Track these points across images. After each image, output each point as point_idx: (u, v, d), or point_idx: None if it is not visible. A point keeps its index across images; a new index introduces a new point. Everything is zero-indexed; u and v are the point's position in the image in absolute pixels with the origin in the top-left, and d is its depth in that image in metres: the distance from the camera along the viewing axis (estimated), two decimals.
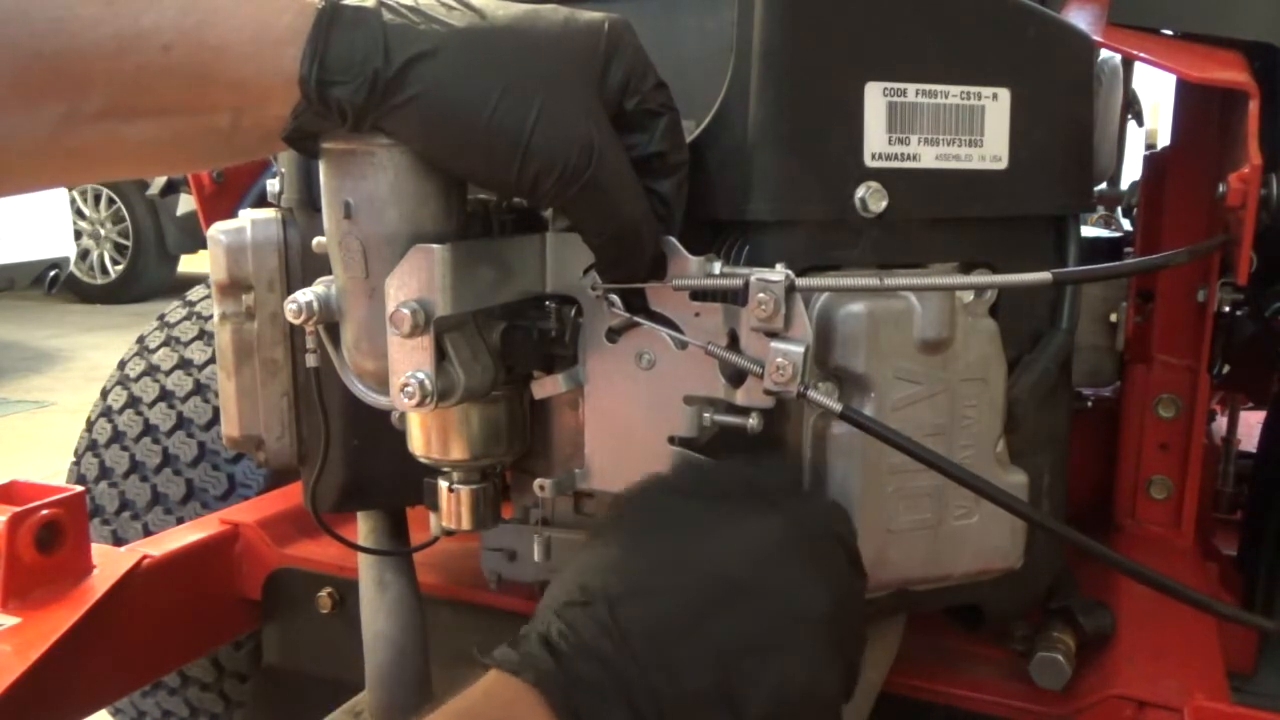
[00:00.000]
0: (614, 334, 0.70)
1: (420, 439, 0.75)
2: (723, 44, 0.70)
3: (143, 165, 0.61)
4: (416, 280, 0.61)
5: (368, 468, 0.92)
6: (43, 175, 0.60)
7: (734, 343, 0.65)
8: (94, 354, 5.34)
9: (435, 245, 0.61)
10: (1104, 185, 1.86)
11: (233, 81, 0.55)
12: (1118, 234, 1.37)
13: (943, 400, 0.68)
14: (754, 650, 0.56)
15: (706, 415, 0.68)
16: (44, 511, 1.00)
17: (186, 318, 1.62)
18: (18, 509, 0.99)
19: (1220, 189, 0.84)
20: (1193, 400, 1.08)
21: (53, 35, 0.51)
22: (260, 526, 1.18)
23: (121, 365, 1.59)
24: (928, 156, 0.71)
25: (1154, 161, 1.13)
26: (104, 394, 1.57)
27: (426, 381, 0.62)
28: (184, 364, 1.53)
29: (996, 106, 0.72)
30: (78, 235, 6.51)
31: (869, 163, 0.69)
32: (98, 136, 0.55)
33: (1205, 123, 1.06)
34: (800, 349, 0.60)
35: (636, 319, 0.67)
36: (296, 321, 0.66)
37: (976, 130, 0.72)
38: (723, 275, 0.64)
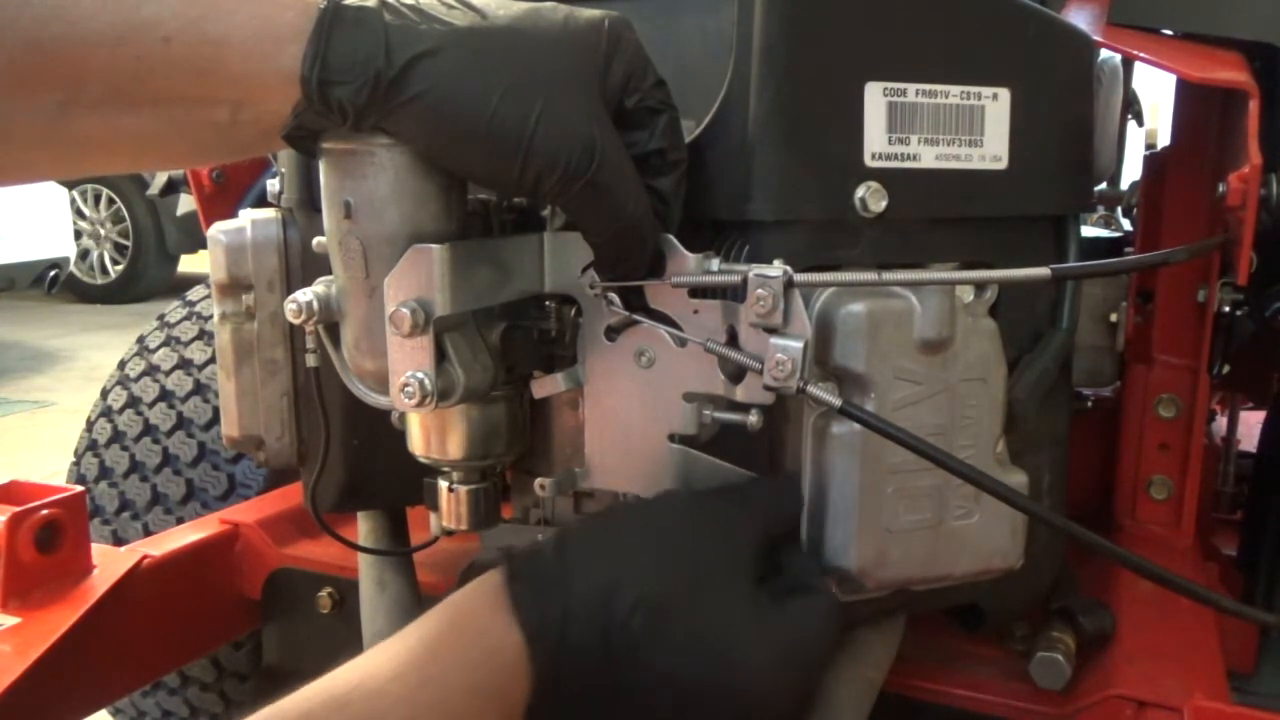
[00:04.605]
0: (613, 332, 0.70)
1: (420, 439, 0.75)
2: (723, 44, 0.70)
3: (141, 157, 0.61)
4: (416, 280, 0.61)
5: (368, 468, 0.92)
6: (41, 165, 0.60)
7: (733, 339, 0.65)
8: (94, 354, 5.34)
9: (434, 245, 0.61)
10: (1104, 185, 1.86)
11: (232, 76, 0.55)
12: (1118, 234, 1.37)
13: (943, 400, 0.68)
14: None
15: (707, 412, 0.68)
16: (44, 511, 1.00)
17: (186, 318, 1.62)
18: (18, 509, 0.98)
19: (1220, 189, 0.84)
20: (1193, 400, 1.08)
21: (52, 22, 0.51)
22: (260, 526, 1.18)
23: (121, 365, 1.59)
24: (928, 156, 0.71)
25: (1154, 161, 1.12)
26: (104, 394, 1.57)
27: (426, 381, 0.62)
28: (184, 364, 1.53)
29: (996, 106, 0.72)
30: (78, 235, 6.51)
31: (869, 162, 0.69)
32: (96, 126, 0.55)
33: (1205, 123, 1.05)
34: (799, 344, 0.60)
35: (636, 317, 0.67)
36: (296, 321, 0.66)
37: (976, 130, 0.72)
38: (721, 272, 0.64)
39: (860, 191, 0.69)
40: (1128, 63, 1.54)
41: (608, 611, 0.58)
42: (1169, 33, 0.91)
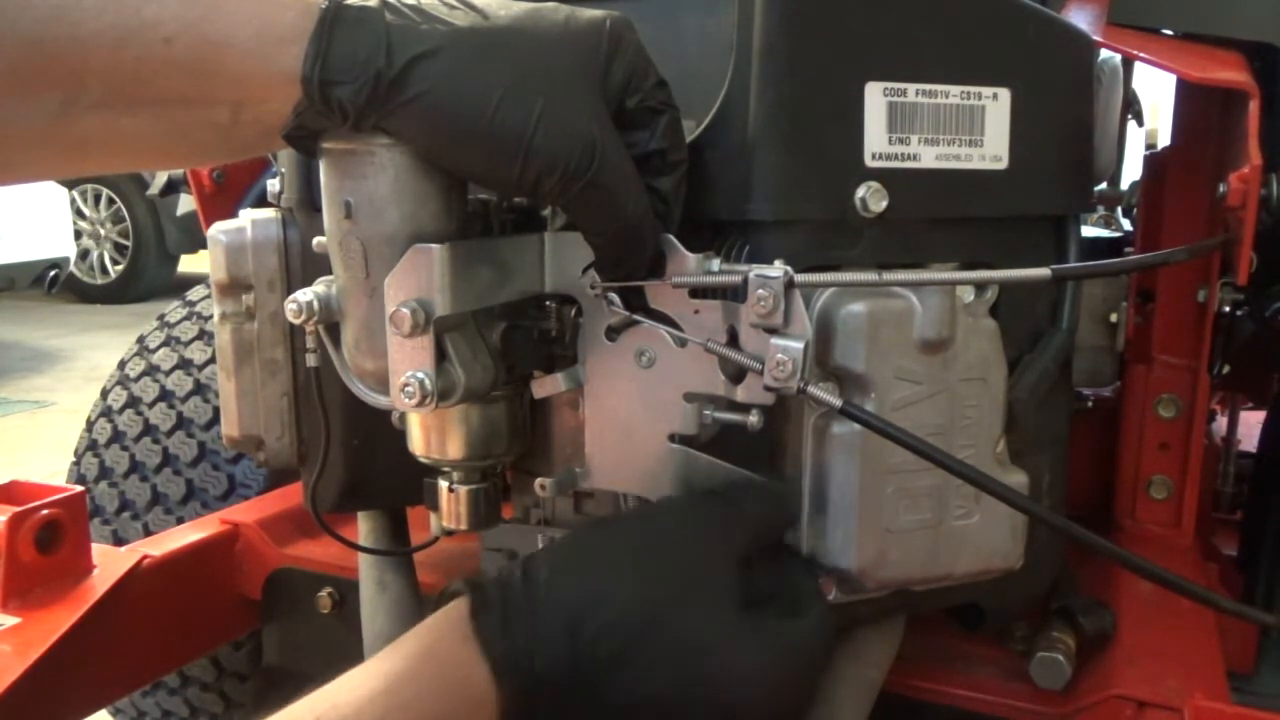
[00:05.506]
0: (613, 333, 0.70)
1: (420, 439, 0.75)
2: (723, 44, 0.70)
3: (141, 158, 0.61)
4: (416, 280, 0.61)
5: (368, 468, 0.92)
6: (41, 165, 0.60)
7: (734, 340, 0.65)
8: (94, 354, 5.34)
9: (434, 245, 0.61)
10: (1104, 185, 1.86)
11: (234, 76, 0.55)
12: (1118, 234, 1.37)
13: (943, 400, 0.68)
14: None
15: (707, 413, 0.68)
16: (44, 511, 1.00)
17: (186, 318, 1.62)
18: (18, 509, 0.98)
19: (1220, 189, 0.84)
20: (1193, 400, 1.08)
21: (53, 23, 0.51)
22: (260, 526, 1.18)
23: (121, 365, 1.59)
24: (928, 156, 0.71)
25: (1154, 161, 1.12)
26: (104, 394, 1.57)
27: (426, 381, 0.62)
28: (184, 364, 1.53)
29: (996, 106, 0.72)
30: (78, 235, 6.51)
31: (869, 162, 0.69)
32: (96, 127, 0.55)
33: (1205, 123, 1.05)
34: (800, 345, 0.61)
35: (636, 317, 0.67)
36: (296, 321, 0.66)
37: (976, 130, 0.72)
38: (722, 272, 0.64)
39: (860, 191, 0.69)
40: (1128, 63, 1.54)
41: (577, 638, 0.58)
42: (1169, 33, 0.91)
